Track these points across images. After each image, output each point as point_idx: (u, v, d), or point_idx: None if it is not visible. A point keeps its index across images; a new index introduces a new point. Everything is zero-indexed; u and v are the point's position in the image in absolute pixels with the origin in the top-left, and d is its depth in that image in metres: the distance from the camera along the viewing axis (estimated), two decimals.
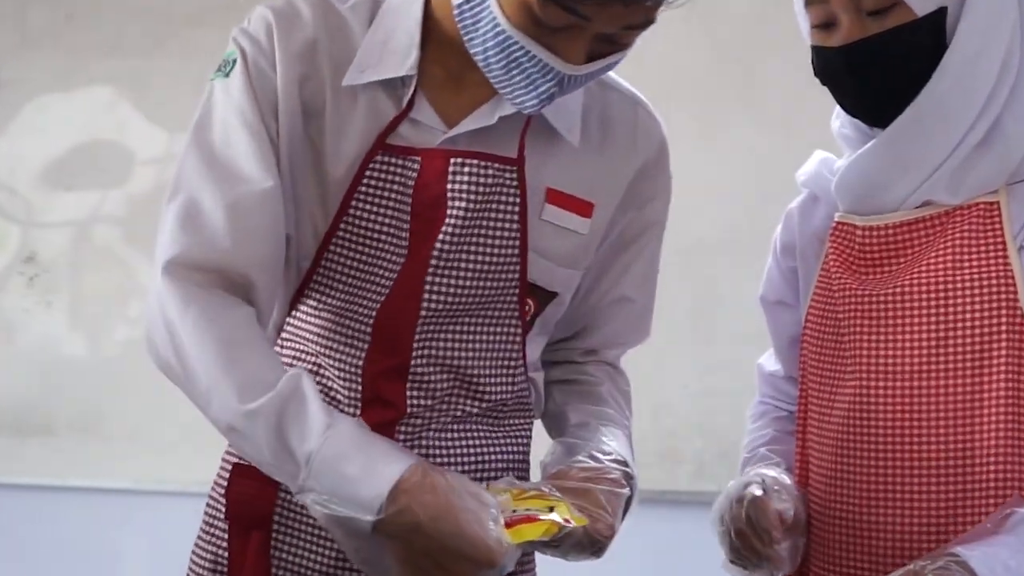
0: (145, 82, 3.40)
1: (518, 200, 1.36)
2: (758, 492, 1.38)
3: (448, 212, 1.34)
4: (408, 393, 1.36)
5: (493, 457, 1.42)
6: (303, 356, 1.41)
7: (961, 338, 1.34)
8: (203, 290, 1.28)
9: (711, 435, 2.92)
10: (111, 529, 3.35)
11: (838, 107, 1.46)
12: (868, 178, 1.41)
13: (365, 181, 1.34)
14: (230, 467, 1.43)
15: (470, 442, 1.41)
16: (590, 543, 1.27)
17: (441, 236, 1.33)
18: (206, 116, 1.36)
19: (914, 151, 1.37)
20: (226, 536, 1.41)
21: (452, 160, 1.33)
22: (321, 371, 1.39)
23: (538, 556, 1.43)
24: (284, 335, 1.43)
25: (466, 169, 1.34)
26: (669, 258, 1.52)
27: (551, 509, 1.24)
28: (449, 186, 1.33)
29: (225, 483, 1.42)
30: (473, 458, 1.40)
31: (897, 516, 1.35)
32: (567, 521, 1.22)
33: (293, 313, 1.41)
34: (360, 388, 1.36)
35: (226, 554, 1.41)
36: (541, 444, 1.46)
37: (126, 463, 3.32)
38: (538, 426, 1.51)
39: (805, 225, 1.52)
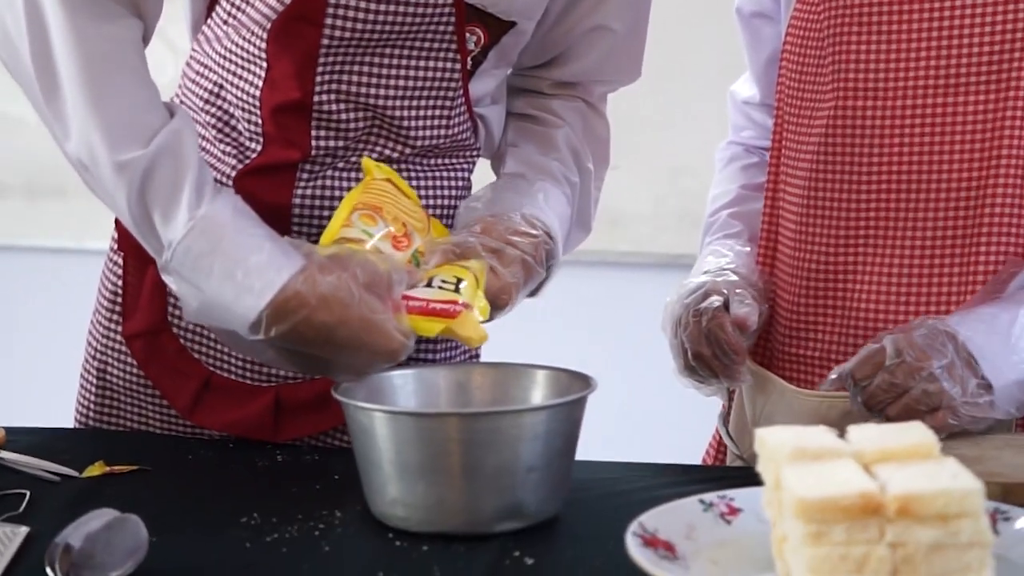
0: None
1: None
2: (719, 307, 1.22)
3: None
4: (313, 133, 1.20)
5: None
6: (207, 73, 1.26)
7: (971, 47, 1.17)
8: None
9: None
10: None
11: None
12: None
13: None
14: None
15: None
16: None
17: None
18: None
19: None
20: (123, 266, 1.31)
21: None
22: (222, 94, 1.24)
23: None
24: (196, 44, 1.27)
25: None
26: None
27: (458, 282, 1.10)
28: None
29: None
30: None
31: (876, 266, 1.20)
32: (464, 306, 1.09)
33: (211, 15, 1.24)
34: (260, 122, 1.21)
35: (122, 284, 1.31)
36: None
37: None
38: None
39: None
